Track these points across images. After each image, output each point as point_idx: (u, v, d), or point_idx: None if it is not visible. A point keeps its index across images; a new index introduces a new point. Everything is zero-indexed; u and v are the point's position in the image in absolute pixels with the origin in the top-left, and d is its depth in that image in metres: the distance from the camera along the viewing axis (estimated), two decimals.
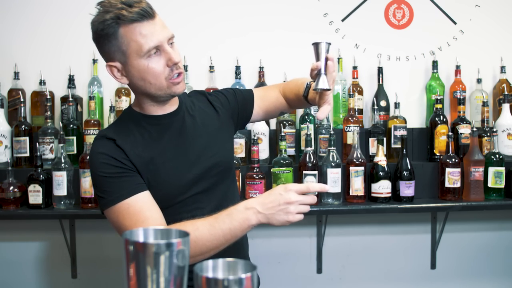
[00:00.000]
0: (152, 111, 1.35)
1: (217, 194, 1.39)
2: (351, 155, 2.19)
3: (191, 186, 1.34)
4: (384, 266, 2.51)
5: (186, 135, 1.36)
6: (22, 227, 2.37)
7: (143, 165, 1.29)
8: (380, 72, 2.46)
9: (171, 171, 1.31)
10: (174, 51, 1.25)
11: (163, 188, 1.31)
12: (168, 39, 1.25)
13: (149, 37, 1.21)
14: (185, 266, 0.80)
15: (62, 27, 2.41)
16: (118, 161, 1.26)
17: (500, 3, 2.56)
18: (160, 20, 1.26)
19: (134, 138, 1.31)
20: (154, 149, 1.31)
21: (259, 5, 2.47)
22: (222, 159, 1.41)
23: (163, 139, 1.33)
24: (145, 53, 1.22)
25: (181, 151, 1.34)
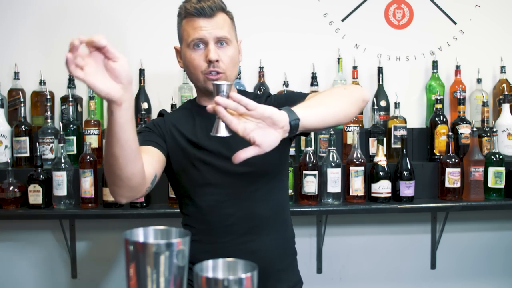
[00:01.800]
0: (202, 101, 1.47)
1: (246, 194, 1.40)
2: (351, 155, 2.19)
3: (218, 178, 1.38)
4: (384, 266, 2.51)
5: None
6: (22, 227, 2.37)
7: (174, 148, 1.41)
8: (380, 72, 2.46)
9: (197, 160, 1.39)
10: (214, 50, 1.35)
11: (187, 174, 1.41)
12: (217, 38, 1.36)
13: (197, 31, 1.35)
14: (185, 266, 0.80)
15: (62, 27, 2.41)
16: (154, 125, 1.44)
17: (500, 3, 2.56)
18: (220, 21, 1.37)
19: (181, 121, 1.45)
20: (192, 136, 1.41)
21: (259, 5, 2.47)
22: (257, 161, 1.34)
23: (204, 129, 1.41)
24: (189, 43, 1.37)
25: (215, 143, 1.38)
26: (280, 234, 1.46)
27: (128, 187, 1.19)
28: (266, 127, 1.03)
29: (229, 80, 1.39)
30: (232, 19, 1.43)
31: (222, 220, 1.39)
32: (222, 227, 1.39)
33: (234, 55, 1.40)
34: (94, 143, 2.21)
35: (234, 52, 1.40)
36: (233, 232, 1.39)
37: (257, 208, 1.40)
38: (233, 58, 1.39)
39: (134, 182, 1.19)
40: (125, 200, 1.25)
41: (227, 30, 1.38)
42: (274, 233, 1.43)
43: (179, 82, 2.38)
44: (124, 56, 1.05)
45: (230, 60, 1.38)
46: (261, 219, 1.41)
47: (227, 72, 1.38)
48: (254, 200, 1.40)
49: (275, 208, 1.44)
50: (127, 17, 2.42)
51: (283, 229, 1.48)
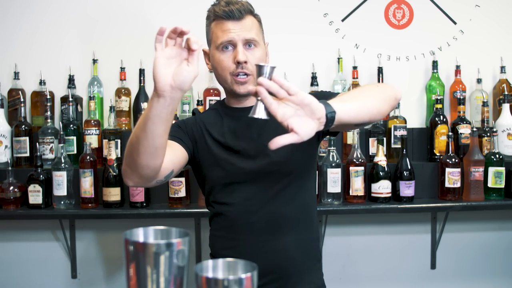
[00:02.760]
0: (230, 102, 1.49)
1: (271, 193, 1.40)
2: (351, 155, 2.19)
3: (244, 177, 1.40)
4: (384, 266, 2.51)
5: (252, 130, 1.42)
6: (22, 227, 2.37)
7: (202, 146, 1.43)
8: (380, 72, 2.46)
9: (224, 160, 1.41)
10: (243, 52, 1.37)
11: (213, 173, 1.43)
12: (246, 40, 1.38)
13: (226, 33, 1.37)
14: (185, 266, 0.80)
15: (62, 27, 2.41)
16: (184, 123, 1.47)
17: (500, 3, 2.56)
18: (248, 23, 1.40)
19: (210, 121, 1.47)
20: (219, 136, 1.43)
21: (259, 6, 2.46)
22: (282, 160, 1.39)
23: (231, 129, 1.44)
24: (218, 45, 1.39)
25: (242, 143, 1.41)
26: (303, 235, 1.44)
27: (139, 174, 1.23)
28: (304, 115, 1.02)
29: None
30: (260, 22, 1.47)
31: (245, 218, 1.40)
32: (245, 224, 1.40)
33: (262, 57, 1.42)
34: (94, 143, 2.21)
35: (262, 53, 1.42)
36: (255, 230, 1.40)
37: (281, 207, 1.41)
38: (261, 60, 1.41)
39: (146, 173, 1.22)
40: (131, 184, 1.29)
41: (255, 32, 1.41)
42: (298, 234, 1.43)
43: None
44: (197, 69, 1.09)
45: (258, 62, 1.34)
46: (284, 218, 1.41)
47: (255, 74, 1.34)
48: (278, 200, 1.40)
49: (300, 208, 1.44)
50: (128, 17, 2.42)
51: (307, 230, 1.46)
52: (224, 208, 1.44)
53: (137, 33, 2.42)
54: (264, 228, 1.40)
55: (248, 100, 1.46)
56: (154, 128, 1.12)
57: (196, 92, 2.37)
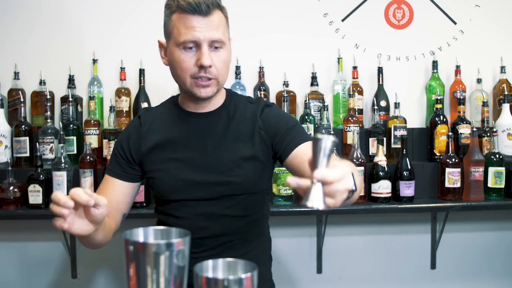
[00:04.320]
0: (185, 104, 1.38)
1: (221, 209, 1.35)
2: (351, 155, 2.19)
3: (193, 191, 1.34)
4: (384, 266, 2.51)
5: (206, 141, 1.34)
6: (22, 227, 2.37)
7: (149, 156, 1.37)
8: (380, 72, 2.46)
9: (171, 168, 1.35)
10: (208, 54, 1.24)
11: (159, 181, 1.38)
12: (212, 41, 1.25)
13: (191, 31, 1.23)
14: (185, 266, 0.80)
15: (62, 27, 2.41)
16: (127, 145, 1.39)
17: (500, 3, 2.56)
18: (216, 20, 1.25)
19: (158, 126, 1.38)
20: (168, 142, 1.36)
21: (259, 6, 2.47)
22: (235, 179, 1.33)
23: (182, 135, 1.36)
24: (180, 43, 1.25)
25: (193, 154, 1.34)
26: (254, 247, 1.40)
27: (96, 247, 1.30)
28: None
29: (220, 84, 1.31)
30: (227, 16, 1.32)
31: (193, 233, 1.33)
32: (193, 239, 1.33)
33: (227, 58, 1.31)
34: (94, 143, 2.21)
35: (227, 55, 1.31)
36: (205, 245, 1.35)
37: (231, 223, 1.35)
38: (226, 61, 1.30)
39: (100, 245, 1.30)
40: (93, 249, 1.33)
41: (222, 31, 1.27)
42: (248, 246, 1.39)
43: None
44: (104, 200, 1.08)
45: (223, 65, 1.29)
46: (234, 234, 1.37)
47: (219, 78, 1.29)
48: (228, 216, 1.35)
49: (251, 223, 1.39)
50: (128, 17, 2.42)
51: (257, 241, 1.43)
52: (171, 220, 1.38)
53: (138, 33, 2.42)
54: (214, 244, 1.36)
55: (205, 104, 1.36)
56: (93, 238, 1.19)
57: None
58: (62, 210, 1.01)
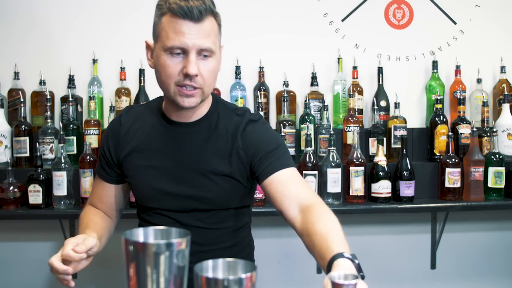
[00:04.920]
0: (168, 111, 1.33)
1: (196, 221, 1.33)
2: (351, 155, 2.19)
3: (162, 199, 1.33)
4: (384, 266, 2.51)
5: (184, 152, 1.31)
6: (22, 227, 2.37)
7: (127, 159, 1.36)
8: (380, 72, 2.46)
9: (147, 176, 1.33)
10: (195, 63, 1.18)
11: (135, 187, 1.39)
12: (200, 49, 1.18)
13: (179, 37, 1.17)
14: (185, 266, 0.80)
15: (62, 27, 2.41)
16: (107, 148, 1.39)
17: (500, 3, 2.56)
18: (207, 27, 1.19)
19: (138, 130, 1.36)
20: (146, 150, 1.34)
21: (259, 6, 2.47)
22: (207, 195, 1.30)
23: (160, 143, 1.33)
24: (167, 48, 1.19)
25: (170, 163, 1.32)
26: (234, 254, 1.33)
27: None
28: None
29: (205, 95, 1.25)
30: (219, 24, 1.25)
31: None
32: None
33: (215, 68, 1.24)
34: (94, 143, 2.21)
35: (216, 64, 1.24)
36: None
37: (205, 235, 1.33)
38: (214, 71, 1.24)
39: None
40: None
41: (213, 39, 1.20)
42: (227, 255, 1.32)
43: None
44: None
45: (209, 74, 1.22)
46: (209, 244, 1.34)
47: (204, 88, 1.22)
48: (201, 228, 1.33)
49: (227, 234, 1.36)
50: (128, 17, 2.42)
51: (238, 249, 1.39)
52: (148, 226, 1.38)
53: (138, 33, 2.42)
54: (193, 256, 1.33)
55: (187, 114, 1.31)
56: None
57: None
58: (66, 277, 1.16)
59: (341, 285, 0.82)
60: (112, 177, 1.41)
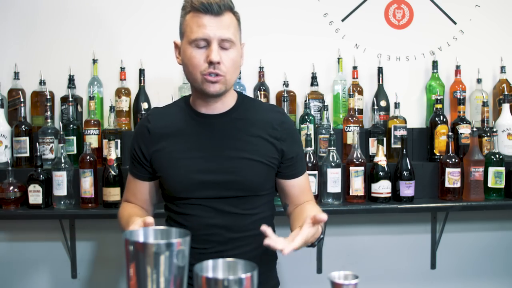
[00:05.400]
0: (197, 104, 1.42)
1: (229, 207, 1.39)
2: (351, 155, 2.19)
3: (202, 189, 1.38)
4: (384, 266, 2.51)
5: (215, 141, 1.39)
6: (22, 227, 2.37)
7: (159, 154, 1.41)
8: (380, 72, 2.46)
9: (180, 167, 1.38)
10: (217, 51, 1.29)
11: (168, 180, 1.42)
12: (221, 39, 1.30)
13: (202, 29, 1.29)
14: (185, 266, 0.80)
15: (62, 27, 2.41)
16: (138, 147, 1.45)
17: (500, 3, 2.56)
18: (227, 21, 1.31)
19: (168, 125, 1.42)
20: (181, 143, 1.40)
21: (259, 6, 2.47)
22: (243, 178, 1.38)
23: (192, 135, 1.40)
24: (192, 41, 1.31)
25: (204, 154, 1.38)
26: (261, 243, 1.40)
27: None
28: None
29: (228, 83, 1.35)
30: (238, 20, 1.38)
31: (202, 229, 1.37)
32: (202, 235, 1.37)
33: (237, 58, 1.35)
34: (94, 143, 2.21)
35: (237, 55, 1.35)
36: (213, 241, 1.39)
37: (239, 221, 1.40)
38: (235, 61, 1.34)
39: None
40: None
41: (233, 31, 1.33)
42: (255, 244, 1.40)
43: (179, 82, 2.38)
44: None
45: (232, 63, 1.33)
46: (242, 231, 1.40)
47: (227, 76, 1.33)
48: (236, 213, 1.39)
49: (258, 221, 1.41)
50: (128, 17, 2.42)
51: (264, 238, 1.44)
52: (181, 217, 1.42)
53: (138, 33, 2.42)
54: (222, 240, 1.39)
55: (216, 104, 1.40)
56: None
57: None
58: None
59: (341, 285, 0.84)
60: (144, 175, 1.47)
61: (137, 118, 2.29)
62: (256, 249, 1.39)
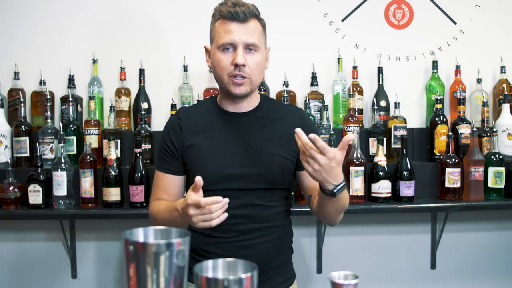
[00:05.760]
0: (224, 103, 1.52)
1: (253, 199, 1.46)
2: (351, 155, 2.19)
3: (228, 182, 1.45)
4: (384, 266, 2.51)
5: (242, 137, 1.48)
6: (22, 227, 2.37)
7: (190, 149, 1.49)
8: (380, 72, 2.46)
9: (210, 161, 1.47)
10: (242, 55, 1.40)
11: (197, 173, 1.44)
12: (247, 44, 1.41)
13: (229, 34, 1.41)
14: (185, 266, 0.80)
15: (62, 27, 2.41)
16: (170, 141, 1.52)
17: (500, 3, 2.56)
18: (252, 27, 1.43)
19: (198, 122, 1.51)
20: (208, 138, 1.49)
21: (259, 6, 2.46)
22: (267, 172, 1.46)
23: (220, 132, 1.49)
24: (219, 45, 1.42)
25: (230, 149, 1.47)
26: (279, 235, 1.53)
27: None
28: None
29: (253, 85, 1.45)
30: (264, 26, 1.49)
31: (226, 219, 1.38)
32: (226, 225, 1.39)
33: (261, 62, 1.45)
34: (94, 143, 2.21)
35: (261, 58, 1.45)
36: (236, 230, 1.46)
37: (261, 212, 1.47)
38: (260, 64, 1.44)
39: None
40: None
41: (257, 37, 1.44)
42: (274, 234, 1.50)
43: (179, 82, 2.38)
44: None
45: (256, 66, 1.43)
46: (264, 222, 1.48)
47: (252, 78, 1.43)
48: (259, 205, 1.47)
49: (278, 214, 1.52)
50: (128, 17, 2.42)
51: (283, 231, 1.55)
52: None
53: (138, 33, 2.42)
54: (245, 229, 1.47)
55: (242, 104, 1.50)
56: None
57: (196, 92, 2.37)
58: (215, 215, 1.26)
59: (341, 285, 0.84)
60: (177, 169, 1.53)
61: (137, 118, 2.29)
62: (275, 239, 1.49)
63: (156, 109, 2.39)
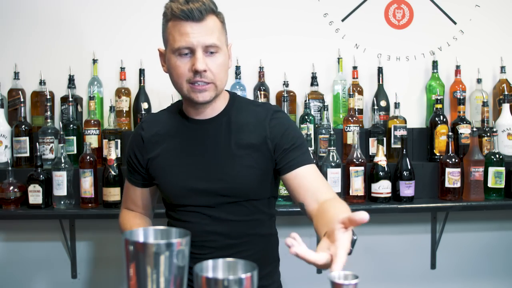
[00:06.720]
0: (188, 111, 1.39)
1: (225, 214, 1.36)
2: (351, 155, 2.19)
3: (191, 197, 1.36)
4: (384, 266, 2.51)
5: (207, 148, 1.35)
6: (22, 227, 2.37)
7: (154, 162, 1.40)
8: (380, 72, 2.46)
9: (174, 175, 1.37)
10: (202, 59, 1.24)
11: (164, 187, 1.42)
12: (206, 46, 1.25)
13: (184, 37, 1.24)
14: (185, 266, 0.80)
15: (62, 27, 2.41)
16: (134, 154, 1.44)
17: (500, 3, 2.56)
18: (210, 25, 1.25)
19: (160, 132, 1.41)
20: (173, 150, 1.38)
21: (259, 7, 2.47)
22: (237, 185, 1.34)
23: (183, 142, 1.37)
24: (175, 50, 1.26)
25: (192, 159, 1.36)
26: (260, 247, 1.41)
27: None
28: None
29: (219, 89, 1.31)
30: (223, 21, 1.32)
31: (200, 236, 1.34)
32: (200, 241, 1.34)
33: (224, 63, 1.30)
34: (94, 143, 2.21)
35: (224, 59, 1.29)
36: (210, 247, 1.36)
37: (236, 228, 1.37)
38: (223, 66, 1.29)
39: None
40: None
41: (217, 36, 1.27)
42: (254, 248, 1.39)
43: None
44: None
45: (219, 69, 1.28)
46: (240, 237, 1.38)
47: (216, 82, 1.28)
48: (232, 220, 1.36)
49: (257, 226, 1.40)
50: (128, 17, 2.42)
51: (264, 242, 1.44)
52: (179, 223, 1.40)
53: (138, 33, 2.42)
54: (220, 246, 1.36)
55: (206, 110, 1.36)
56: None
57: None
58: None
59: (341, 285, 0.83)
60: (143, 182, 1.47)
61: (137, 118, 2.29)
62: (255, 253, 1.37)
63: (156, 109, 2.39)
